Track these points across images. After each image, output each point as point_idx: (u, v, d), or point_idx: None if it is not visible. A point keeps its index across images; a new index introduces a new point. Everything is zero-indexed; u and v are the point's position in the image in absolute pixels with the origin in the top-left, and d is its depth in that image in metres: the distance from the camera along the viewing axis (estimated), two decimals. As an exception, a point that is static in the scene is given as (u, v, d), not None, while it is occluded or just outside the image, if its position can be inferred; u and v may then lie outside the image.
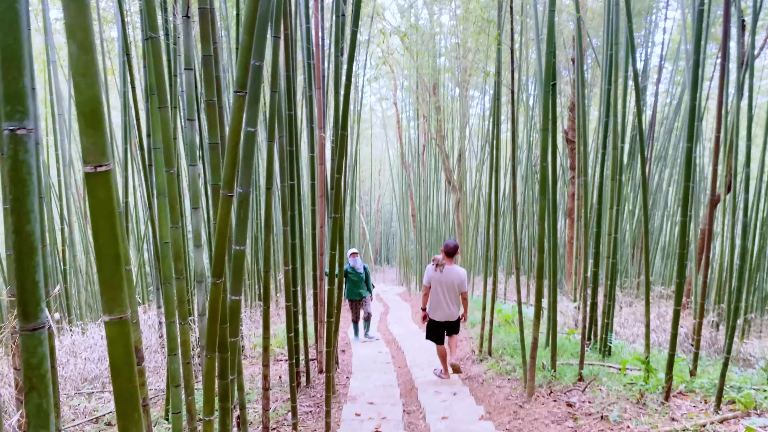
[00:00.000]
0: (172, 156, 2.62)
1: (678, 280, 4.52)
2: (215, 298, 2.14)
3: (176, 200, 2.61)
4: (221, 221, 2.11)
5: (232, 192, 2.11)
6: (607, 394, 5.06)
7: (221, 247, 2.11)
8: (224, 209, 2.09)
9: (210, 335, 2.17)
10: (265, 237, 3.68)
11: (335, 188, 3.90)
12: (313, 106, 5.80)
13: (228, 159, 2.05)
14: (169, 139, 2.59)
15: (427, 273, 6.35)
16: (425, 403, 5.38)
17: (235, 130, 2.04)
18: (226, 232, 2.11)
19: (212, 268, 2.13)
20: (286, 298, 4.21)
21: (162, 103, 2.60)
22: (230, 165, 2.05)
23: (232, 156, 2.04)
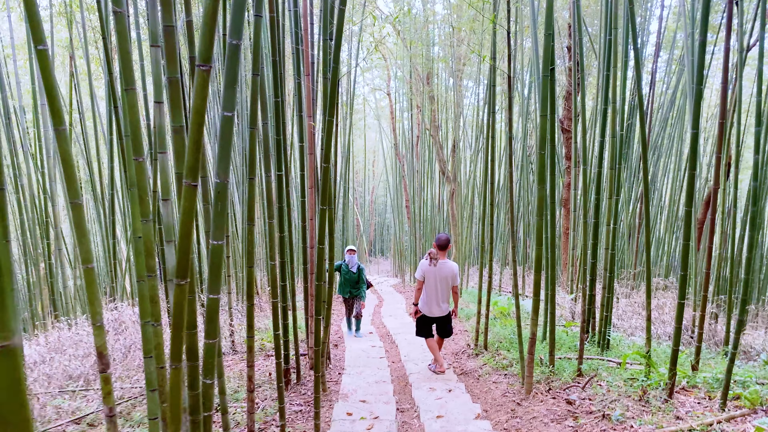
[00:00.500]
0: (140, 143, 2.40)
1: (682, 273, 4.34)
2: (179, 302, 1.92)
3: (146, 191, 2.39)
4: (185, 214, 1.89)
5: (197, 181, 1.90)
6: (607, 390, 4.89)
7: (185, 244, 1.89)
8: (188, 201, 1.87)
9: (174, 343, 1.95)
10: (248, 230, 3.46)
11: (323, 179, 3.68)
12: (301, 94, 5.57)
13: (191, 144, 1.83)
14: (137, 125, 2.37)
15: (420, 267, 6.32)
16: (419, 400, 5.19)
17: (197, 110, 1.82)
18: (191, 227, 1.89)
19: (175, 268, 1.91)
20: (272, 294, 4.00)
21: (128, 85, 2.37)
22: (193, 150, 1.83)
23: (195, 140, 1.82)
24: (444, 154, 17.63)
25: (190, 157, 1.85)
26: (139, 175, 2.42)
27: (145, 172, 2.43)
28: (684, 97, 12.75)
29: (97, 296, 2.20)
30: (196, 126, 1.83)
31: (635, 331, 8.11)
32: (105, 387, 2.22)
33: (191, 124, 1.84)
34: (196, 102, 1.83)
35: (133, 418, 4.93)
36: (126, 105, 2.41)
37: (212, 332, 2.71)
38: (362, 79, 25.42)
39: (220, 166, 2.58)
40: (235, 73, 2.60)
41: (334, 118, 3.69)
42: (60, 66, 16.14)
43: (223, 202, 2.60)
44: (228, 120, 2.59)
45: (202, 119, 1.84)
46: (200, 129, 1.84)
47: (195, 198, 1.92)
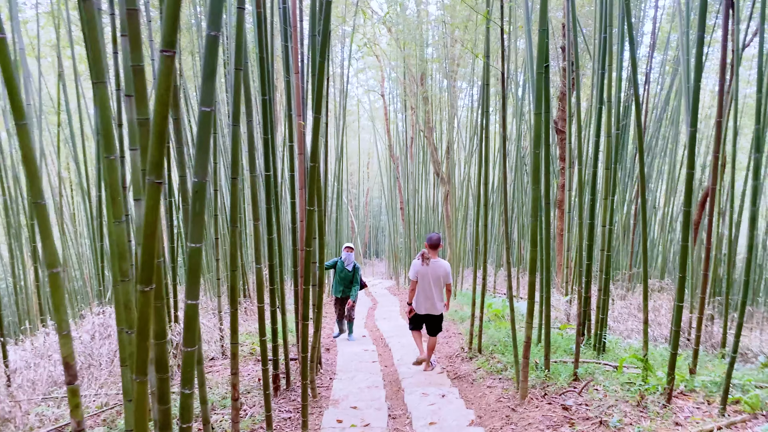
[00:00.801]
0: (112, 140, 2.26)
1: (681, 275, 4.23)
2: (144, 311, 1.78)
3: (118, 191, 2.26)
4: (149, 214, 1.75)
5: (161, 178, 1.76)
6: (604, 395, 4.77)
7: (150, 247, 1.75)
8: (152, 199, 1.74)
9: (140, 354, 1.81)
10: (231, 232, 3.32)
11: (310, 178, 3.55)
12: (291, 92, 5.43)
13: (154, 137, 1.69)
14: (108, 120, 2.23)
15: (413, 267, 6.39)
16: (412, 406, 5.06)
17: (161, 100, 1.69)
18: (155, 229, 1.75)
19: (139, 273, 1.77)
20: (258, 298, 3.86)
21: (99, 78, 2.24)
22: (157, 144, 1.69)
23: (158, 133, 1.69)
24: (438, 156, 17.52)
25: (154, 152, 1.71)
26: (111, 174, 2.29)
27: (117, 171, 2.29)
28: (677, 98, 12.68)
29: (63, 303, 2.06)
30: (159, 117, 1.70)
31: (631, 333, 8.01)
32: (72, 399, 2.08)
33: (154, 116, 1.71)
34: (160, 91, 1.69)
35: (117, 425, 4.78)
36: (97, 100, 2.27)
37: (191, 340, 2.57)
38: (356, 80, 25.35)
39: (198, 164, 2.45)
40: (213, 65, 2.47)
41: (321, 116, 3.56)
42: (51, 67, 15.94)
43: (201, 202, 2.47)
44: (206, 115, 2.46)
45: (166, 110, 1.71)
46: (164, 121, 1.71)
47: (159, 196, 1.78)
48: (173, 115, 3.40)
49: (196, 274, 2.53)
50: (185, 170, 3.18)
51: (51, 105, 14.48)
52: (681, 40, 7.76)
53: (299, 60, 5.89)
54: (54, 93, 13.34)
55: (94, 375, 6.30)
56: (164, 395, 2.03)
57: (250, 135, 3.75)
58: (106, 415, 5.00)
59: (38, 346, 7.18)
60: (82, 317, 10.44)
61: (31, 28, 12.93)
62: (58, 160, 10.78)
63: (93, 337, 6.97)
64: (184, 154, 3.35)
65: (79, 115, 8.80)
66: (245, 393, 5.44)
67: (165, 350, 2.07)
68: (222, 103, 10.62)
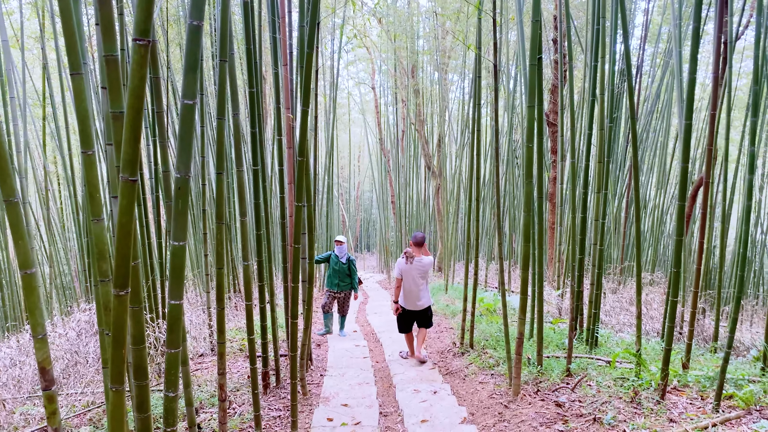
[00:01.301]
0: (90, 134, 2.16)
1: (675, 270, 4.17)
2: (119, 315, 1.68)
3: (97, 188, 2.16)
4: (123, 214, 1.66)
5: (135, 176, 1.66)
6: (597, 391, 4.73)
7: (124, 249, 1.66)
8: (126, 198, 1.64)
9: (115, 362, 1.72)
10: (217, 229, 3.23)
11: (298, 173, 3.45)
12: (279, 85, 5.32)
13: (128, 132, 1.59)
14: (85, 113, 2.13)
15: (398, 266, 6.57)
16: (403, 403, 5.00)
17: (135, 92, 1.59)
18: (130, 229, 1.66)
19: (114, 276, 1.68)
20: (245, 296, 3.77)
21: (75, 69, 2.13)
22: (131, 140, 1.59)
23: (132, 127, 1.59)
24: (429, 149, 17.44)
25: (128, 148, 1.61)
26: (89, 170, 2.18)
27: (95, 167, 2.19)
28: (668, 91, 12.66)
29: (38, 306, 1.96)
30: (133, 111, 1.60)
31: (623, 327, 7.99)
32: (49, 406, 1.98)
33: (127, 109, 1.61)
34: (134, 83, 1.59)
35: (103, 425, 4.69)
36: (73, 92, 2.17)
37: (175, 341, 2.48)
38: (346, 73, 25.18)
39: (180, 159, 2.36)
40: (195, 56, 2.37)
41: (310, 109, 3.46)
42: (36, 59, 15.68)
43: (184, 199, 2.37)
44: (189, 108, 2.36)
45: (140, 104, 1.61)
46: (138, 114, 1.61)
47: (134, 195, 1.68)
48: (156, 108, 3.29)
49: (179, 273, 2.44)
50: (168, 165, 3.09)
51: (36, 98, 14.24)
52: (673, 33, 7.71)
53: (288, 52, 5.78)
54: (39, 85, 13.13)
55: (81, 373, 6.19)
56: (143, 403, 1.94)
57: (236, 128, 3.65)
58: (92, 414, 4.90)
59: (24, 344, 7.05)
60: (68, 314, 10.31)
61: (15, 19, 12.69)
62: (44, 154, 10.59)
63: (79, 334, 6.85)
64: (167, 148, 3.25)
65: (63, 108, 8.62)
66: (234, 390, 5.36)
67: (144, 356, 1.98)
68: (211, 96, 10.48)
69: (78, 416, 5.07)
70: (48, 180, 10.77)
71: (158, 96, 3.29)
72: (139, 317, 1.99)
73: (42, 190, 10.64)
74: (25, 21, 12.09)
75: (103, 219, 2.21)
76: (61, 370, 6.33)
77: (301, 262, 5.52)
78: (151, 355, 6.00)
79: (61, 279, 11.61)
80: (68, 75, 9.50)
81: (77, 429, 4.79)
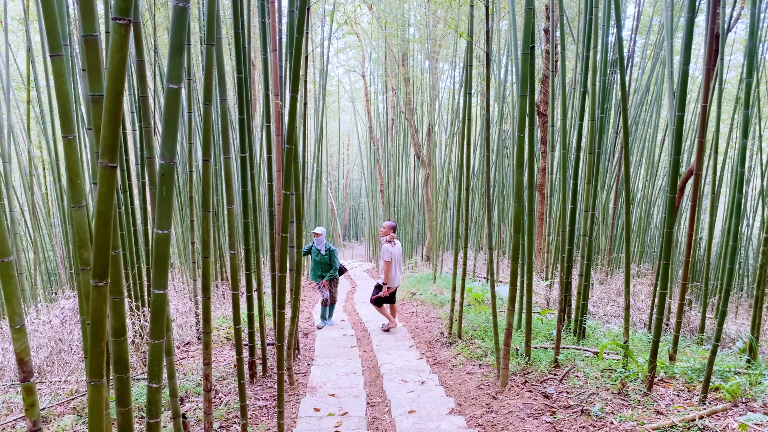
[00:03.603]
0: (70, 118, 2.08)
1: (664, 262, 4.17)
2: (98, 307, 1.62)
3: (78, 174, 2.08)
4: (102, 201, 1.59)
5: (115, 162, 1.59)
6: (585, 382, 4.73)
7: (103, 238, 1.59)
8: (105, 186, 1.57)
9: (94, 356, 1.65)
10: (203, 217, 3.16)
11: (286, 161, 3.38)
12: (268, 71, 5.23)
13: (107, 115, 1.52)
14: (65, 96, 2.05)
15: (388, 251, 7.68)
16: (391, 394, 4.97)
17: (114, 74, 1.51)
18: (109, 217, 1.59)
19: (92, 267, 1.61)
20: (232, 285, 3.71)
21: (54, 51, 2.05)
22: (110, 124, 1.52)
23: (112, 111, 1.52)
24: (419, 138, 17.36)
25: (107, 132, 1.54)
26: (70, 155, 2.11)
27: (76, 152, 2.11)
28: (657, 84, 12.67)
29: (15, 294, 1.89)
30: (113, 94, 1.53)
31: (611, 318, 8.02)
32: (27, 398, 1.92)
33: (107, 92, 1.54)
34: (113, 64, 1.52)
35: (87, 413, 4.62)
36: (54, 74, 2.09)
37: (158, 332, 2.42)
38: (336, 60, 24.95)
39: (165, 145, 2.29)
40: (181, 39, 2.30)
41: (299, 95, 3.39)
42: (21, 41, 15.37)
43: (168, 186, 2.31)
44: (174, 93, 2.29)
45: (120, 86, 1.54)
46: (118, 98, 1.54)
47: (114, 182, 1.61)
48: (140, 92, 3.20)
49: (163, 261, 2.38)
50: (153, 151, 3.01)
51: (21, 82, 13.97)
52: (666, 24, 7.69)
53: (277, 37, 5.68)
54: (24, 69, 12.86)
55: (65, 360, 6.11)
56: (124, 396, 1.89)
57: (224, 114, 3.56)
58: (76, 403, 4.84)
59: (6, 330, 6.95)
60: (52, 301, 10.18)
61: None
62: (29, 138, 10.40)
63: (63, 321, 6.76)
64: (151, 133, 3.17)
65: (48, 92, 8.46)
66: (221, 380, 5.31)
67: (125, 349, 1.92)
68: (199, 82, 10.32)
69: (62, 404, 5.00)
70: (32, 165, 10.59)
71: (143, 80, 3.20)
72: (120, 309, 1.92)
73: (26, 176, 10.47)
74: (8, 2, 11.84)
75: (84, 206, 2.14)
76: (45, 358, 6.25)
77: (289, 251, 5.47)
78: (137, 343, 5.94)
79: (46, 265, 11.47)
80: (45, 58, 9.30)
81: (60, 418, 4.72)
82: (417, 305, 9.75)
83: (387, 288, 7.72)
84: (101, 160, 1.58)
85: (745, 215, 12.87)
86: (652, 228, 14.72)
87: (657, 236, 14.75)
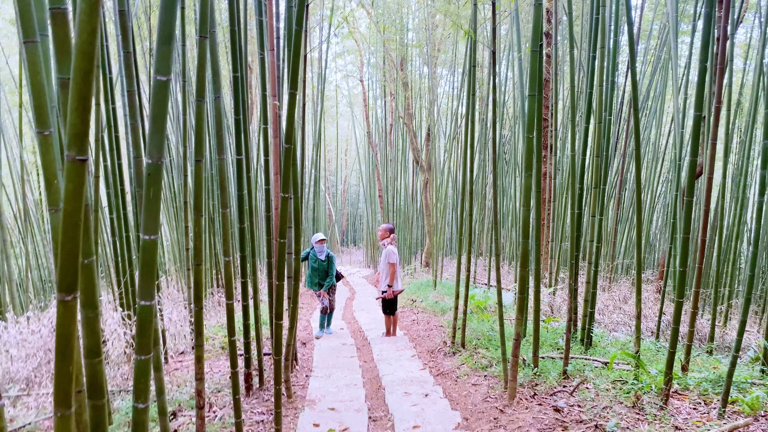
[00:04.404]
0: (45, 112, 1.88)
1: (681, 269, 3.97)
2: (65, 325, 1.40)
3: (54, 174, 1.88)
4: (69, 200, 1.38)
5: (85, 154, 1.39)
6: (596, 394, 4.52)
7: (71, 244, 1.38)
8: (73, 182, 1.36)
9: (61, 382, 1.43)
10: (195, 222, 2.95)
11: (285, 162, 3.19)
12: (265, 70, 5.04)
13: (74, 99, 1.32)
14: (40, 88, 1.85)
15: (393, 253, 7.61)
16: (394, 407, 4.75)
17: (83, 51, 1.31)
18: (78, 219, 1.39)
19: (57, 278, 1.40)
20: (226, 294, 3.50)
21: (29, 37, 1.85)
22: (78, 110, 1.32)
23: (80, 95, 1.31)
24: (418, 143, 17.19)
25: (75, 119, 1.34)
26: (45, 153, 1.90)
27: (52, 149, 1.91)
28: (657, 88, 12.53)
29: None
30: (81, 74, 1.32)
31: (617, 326, 7.82)
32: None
33: (74, 71, 1.33)
34: (82, 38, 1.31)
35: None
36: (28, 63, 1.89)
37: (145, 346, 2.21)
38: (334, 65, 24.83)
39: (152, 142, 2.09)
40: (170, 27, 2.11)
41: (297, 92, 3.20)
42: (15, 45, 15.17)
43: (156, 187, 2.11)
44: (162, 86, 2.09)
45: (90, 65, 1.34)
46: (87, 78, 1.34)
47: (84, 177, 1.41)
48: (128, 86, 3.01)
49: (150, 270, 2.17)
50: (141, 150, 2.81)
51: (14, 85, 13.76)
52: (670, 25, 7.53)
53: (275, 36, 5.49)
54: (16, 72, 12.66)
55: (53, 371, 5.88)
56: (100, 427, 1.67)
57: (218, 113, 3.37)
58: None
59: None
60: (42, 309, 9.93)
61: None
62: (21, 143, 10.18)
63: (52, 331, 6.53)
64: (139, 130, 2.97)
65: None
66: (216, 392, 5.09)
67: (100, 371, 1.70)
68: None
69: (49, 419, 4.79)
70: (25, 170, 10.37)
71: (130, 74, 3.00)
72: (95, 325, 1.71)
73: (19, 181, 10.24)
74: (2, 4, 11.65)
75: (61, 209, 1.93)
76: (33, 369, 6.03)
77: (288, 258, 5.26)
78: (128, 353, 5.72)
79: (39, 272, 11.22)
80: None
81: (44, 431, 4.52)
82: (418, 312, 9.53)
83: (392, 291, 7.57)
84: (68, 152, 1.37)
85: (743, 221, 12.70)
86: (652, 233, 14.55)
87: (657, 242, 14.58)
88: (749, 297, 3.82)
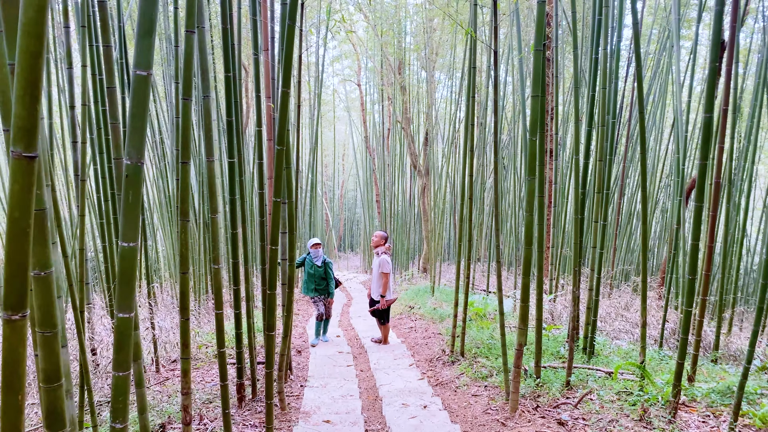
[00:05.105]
0: (10, 108, 1.72)
1: (690, 277, 3.82)
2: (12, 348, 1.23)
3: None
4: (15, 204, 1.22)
5: (34, 150, 1.22)
6: (600, 406, 4.36)
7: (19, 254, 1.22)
8: (18, 183, 1.20)
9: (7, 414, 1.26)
10: (181, 228, 2.79)
11: (277, 165, 3.02)
12: (259, 71, 4.89)
13: (21, 86, 1.15)
14: (5, 81, 1.69)
15: (387, 263, 7.44)
16: (391, 420, 4.58)
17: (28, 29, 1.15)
18: (26, 225, 1.23)
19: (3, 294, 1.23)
20: (216, 304, 3.33)
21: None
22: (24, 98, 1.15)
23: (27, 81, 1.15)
24: (416, 148, 17.05)
25: (21, 110, 1.17)
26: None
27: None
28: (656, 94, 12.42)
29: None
30: (27, 57, 1.16)
31: (619, 333, 7.66)
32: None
33: (20, 53, 1.17)
34: (28, 13, 1.15)
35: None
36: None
37: (123, 362, 2.05)
38: (332, 69, 24.70)
39: (131, 142, 1.94)
40: (151, 19, 1.96)
41: (290, 91, 3.04)
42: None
43: (135, 190, 1.95)
44: (142, 81, 1.94)
45: (39, 45, 1.18)
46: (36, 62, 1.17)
47: (32, 177, 1.25)
48: (107, 82, 2.85)
49: (129, 280, 2.01)
50: (120, 151, 2.65)
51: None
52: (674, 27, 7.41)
53: (269, 36, 5.34)
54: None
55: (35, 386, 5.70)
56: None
57: (207, 113, 3.21)
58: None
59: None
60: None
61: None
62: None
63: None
64: (119, 131, 2.81)
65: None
66: (207, 403, 4.91)
67: (60, 398, 1.53)
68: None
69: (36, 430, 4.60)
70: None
71: (110, 69, 2.84)
72: (53, 346, 1.53)
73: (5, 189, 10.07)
74: None
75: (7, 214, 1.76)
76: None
77: (281, 264, 5.09)
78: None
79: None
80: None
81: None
82: (416, 320, 9.36)
83: (386, 300, 7.50)
84: (13, 148, 1.20)
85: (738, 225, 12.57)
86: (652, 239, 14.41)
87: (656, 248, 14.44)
88: (762, 306, 3.66)
